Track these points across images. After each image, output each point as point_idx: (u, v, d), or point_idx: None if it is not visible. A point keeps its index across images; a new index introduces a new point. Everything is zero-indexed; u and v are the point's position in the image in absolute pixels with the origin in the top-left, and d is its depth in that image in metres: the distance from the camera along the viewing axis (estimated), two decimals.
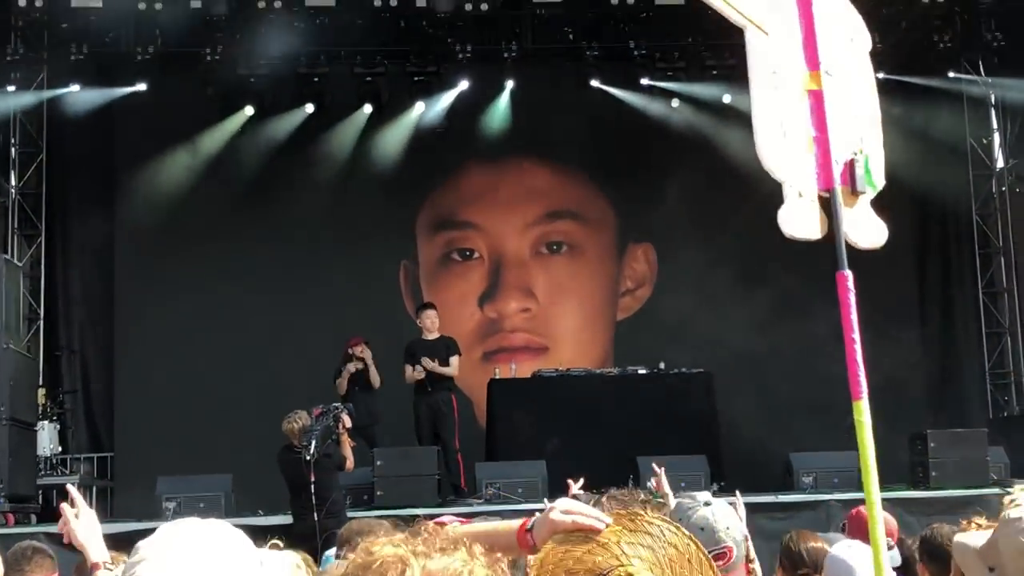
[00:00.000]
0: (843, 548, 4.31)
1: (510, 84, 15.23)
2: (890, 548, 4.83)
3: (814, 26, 3.03)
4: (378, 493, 11.12)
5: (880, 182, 3.06)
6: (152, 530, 1.81)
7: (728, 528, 3.06)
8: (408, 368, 12.71)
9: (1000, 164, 16.48)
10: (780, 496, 10.51)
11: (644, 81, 15.34)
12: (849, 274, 2.85)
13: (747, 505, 3.27)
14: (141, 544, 1.60)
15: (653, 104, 15.59)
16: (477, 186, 16.12)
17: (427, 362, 12.58)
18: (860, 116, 3.10)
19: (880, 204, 3.06)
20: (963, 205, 16.30)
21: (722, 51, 14.56)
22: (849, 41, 3.13)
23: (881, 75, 8.07)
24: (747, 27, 2.90)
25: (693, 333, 14.84)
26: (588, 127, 15.60)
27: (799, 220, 2.92)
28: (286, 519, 10.43)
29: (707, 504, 3.11)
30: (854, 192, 3.01)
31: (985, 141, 16.55)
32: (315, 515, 9.22)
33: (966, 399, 15.87)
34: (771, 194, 2.93)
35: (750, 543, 3.24)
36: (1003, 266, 16.52)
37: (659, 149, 15.64)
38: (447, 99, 15.24)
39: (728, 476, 11.95)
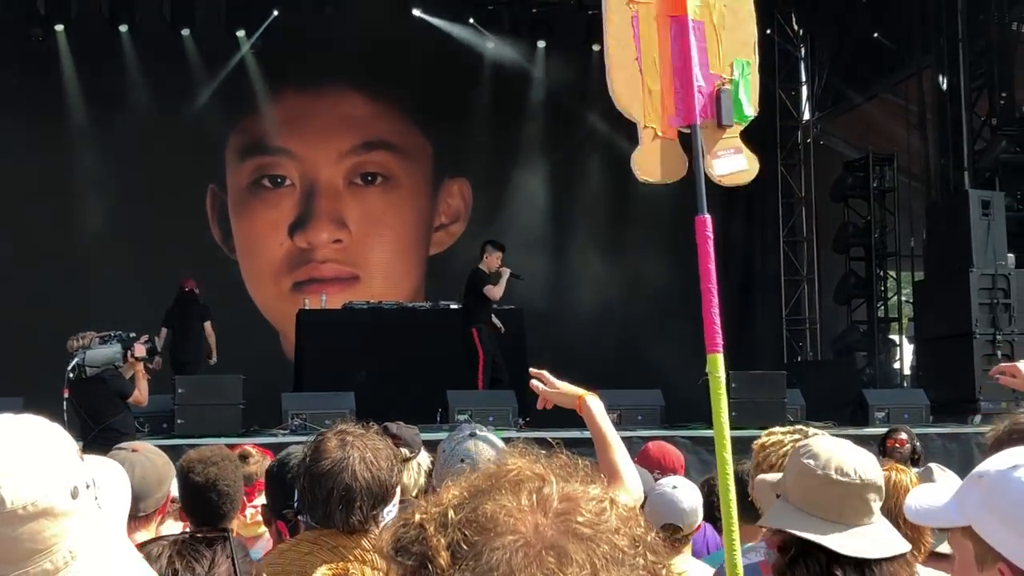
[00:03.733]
0: (668, 485, 4.35)
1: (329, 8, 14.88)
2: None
3: None
4: (178, 421, 10.76)
5: (751, 112, 2.79)
6: None
7: (490, 461, 3.04)
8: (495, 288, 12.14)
9: (807, 116, 16.99)
10: (585, 432, 10.60)
11: (466, 17, 15.23)
12: (708, 218, 2.58)
13: (554, 440, 3.23)
14: None
15: (472, 39, 15.49)
16: (292, 112, 15.73)
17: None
18: (731, 40, 2.81)
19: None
20: (769, 154, 16.74)
21: None
22: None
23: None
24: None
25: None
26: (408, 58, 15.37)
27: (655, 163, 2.65)
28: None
29: (472, 435, 3.10)
30: (720, 126, 2.77)
31: (793, 93, 17.01)
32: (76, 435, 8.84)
33: (763, 343, 16.43)
34: (590, 133, 2.76)
35: None
36: (804, 215, 17.10)
37: (477, 85, 15.56)
38: (264, 21, 14.79)
39: (534, 411, 12.04)
